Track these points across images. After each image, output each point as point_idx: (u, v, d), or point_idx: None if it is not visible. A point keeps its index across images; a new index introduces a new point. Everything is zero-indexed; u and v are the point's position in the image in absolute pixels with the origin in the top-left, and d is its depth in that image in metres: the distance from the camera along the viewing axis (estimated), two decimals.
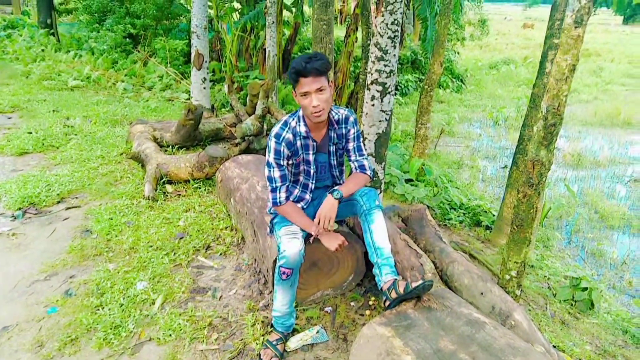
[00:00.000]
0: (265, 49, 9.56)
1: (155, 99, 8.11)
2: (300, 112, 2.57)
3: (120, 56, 10.15)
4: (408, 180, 6.19)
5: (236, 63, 10.15)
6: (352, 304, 2.94)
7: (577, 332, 3.49)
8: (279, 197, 2.57)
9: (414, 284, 2.19)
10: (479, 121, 13.15)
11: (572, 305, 3.94)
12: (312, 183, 2.70)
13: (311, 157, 2.62)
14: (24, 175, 4.68)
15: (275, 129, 2.56)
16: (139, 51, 10.48)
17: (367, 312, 2.84)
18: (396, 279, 2.33)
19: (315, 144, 2.61)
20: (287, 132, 2.54)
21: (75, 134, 5.99)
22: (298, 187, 2.72)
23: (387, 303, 2.30)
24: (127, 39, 10.74)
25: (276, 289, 2.50)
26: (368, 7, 7.22)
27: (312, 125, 2.55)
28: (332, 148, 2.69)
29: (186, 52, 10.63)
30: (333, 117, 2.63)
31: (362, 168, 2.68)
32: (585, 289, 3.96)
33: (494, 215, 5.81)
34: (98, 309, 2.86)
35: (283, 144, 2.51)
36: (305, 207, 2.73)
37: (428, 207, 5.47)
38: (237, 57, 10.32)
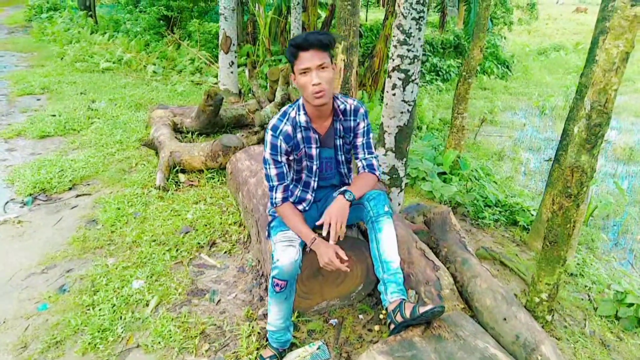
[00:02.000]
0: (291, 32, 9.26)
1: (183, 83, 7.95)
2: (301, 101, 2.27)
3: (153, 38, 10.05)
4: (441, 174, 5.80)
5: (270, 47, 9.87)
6: (360, 316, 2.65)
7: (619, 356, 3.09)
8: (275, 197, 2.30)
9: (422, 309, 1.88)
10: (524, 110, 12.48)
11: (614, 322, 3.52)
12: (314, 181, 2.41)
13: (314, 151, 2.31)
14: (39, 159, 4.58)
15: (272, 120, 2.27)
16: (172, 33, 10.36)
17: (377, 327, 2.54)
18: (403, 300, 2.03)
19: (317, 136, 2.30)
20: (285, 123, 2.25)
21: (98, 118, 5.89)
22: (299, 186, 2.43)
23: (392, 327, 2.01)
24: (161, 21, 10.63)
25: (270, 301, 2.24)
26: None
27: (314, 114, 2.24)
28: (339, 142, 2.37)
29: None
30: (339, 106, 2.30)
31: (370, 167, 2.37)
32: (631, 304, 3.53)
33: (532, 215, 5.36)
34: (89, 309, 2.68)
35: (280, 137, 2.22)
36: (307, 208, 2.44)
37: (460, 204, 5.10)
38: (271, 41, 10.05)
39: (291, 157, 2.30)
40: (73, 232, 3.47)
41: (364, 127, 2.36)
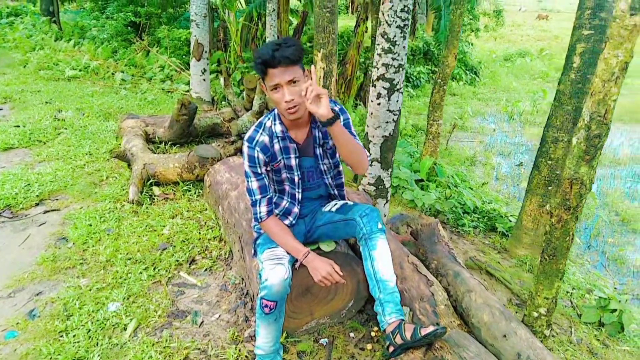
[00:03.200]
0: (266, 39, 9.15)
1: (153, 91, 7.74)
2: (277, 110, 2.18)
3: (121, 45, 9.78)
4: (418, 181, 5.78)
5: (241, 53, 9.74)
6: (351, 335, 2.55)
7: None
8: (260, 212, 2.20)
9: (424, 331, 1.80)
10: (493, 115, 12.68)
11: (599, 328, 3.53)
12: (298, 193, 2.31)
13: (293, 162, 2.23)
14: (3, 173, 4.33)
15: (249, 132, 2.18)
16: (141, 39, 10.11)
17: (369, 345, 2.45)
18: (402, 321, 1.94)
19: (295, 145, 2.21)
20: (261, 134, 2.16)
21: (65, 128, 5.64)
22: (285, 197, 2.33)
23: (391, 349, 1.92)
24: (129, 28, 10.37)
25: (258, 323, 2.12)
26: None
27: (290, 123, 2.15)
28: (319, 150, 2.27)
29: (190, 41, 10.26)
30: None
31: None
32: (614, 310, 3.55)
33: (510, 221, 5.39)
34: (62, 335, 2.50)
35: (257, 148, 2.14)
36: (293, 222, 2.34)
37: (439, 212, 5.07)
38: (242, 47, 9.91)
39: (268, 168, 2.21)
40: (42, 251, 3.27)
41: (341, 122, 2.26)
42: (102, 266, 3.11)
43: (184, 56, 9.88)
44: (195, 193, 4.13)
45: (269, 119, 2.20)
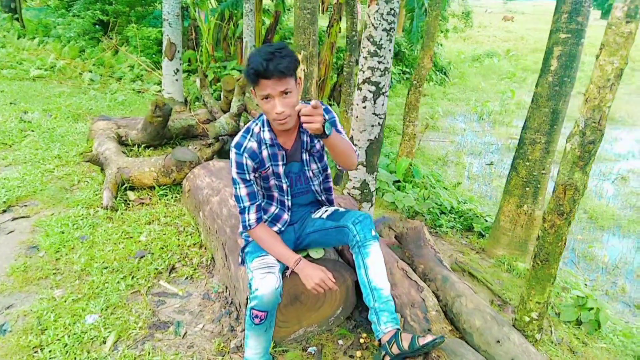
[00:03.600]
0: (243, 38, 9.04)
1: (123, 91, 7.53)
2: (264, 117, 2.11)
3: (89, 44, 9.49)
4: (395, 182, 5.79)
5: (213, 53, 9.58)
6: (340, 342, 2.51)
7: None
8: (248, 220, 2.14)
9: (422, 341, 1.77)
10: (462, 115, 12.86)
11: (577, 326, 3.59)
12: (287, 200, 2.26)
13: (281, 169, 2.17)
14: None
15: (236, 138, 2.11)
16: (109, 38, 9.84)
17: (358, 353, 2.41)
18: (398, 330, 1.91)
19: (284, 152, 2.15)
20: (249, 140, 2.09)
21: (32, 130, 5.42)
22: (274, 203, 2.27)
23: (387, 359, 1.88)
24: (97, 26, 10.08)
25: (247, 334, 2.06)
26: None
27: (279, 130, 2.09)
28: (305, 156, 2.22)
29: (160, 40, 10.02)
30: None
31: None
32: (591, 308, 3.61)
33: (486, 221, 5.45)
34: (37, 351, 2.38)
35: (245, 154, 2.07)
36: (282, 229, 2.28)
37: (418, 212, 5.09)
38: (214, 47, 9.75)
39: (256, 175, 2.14)
40: (11, 261, 3.11)
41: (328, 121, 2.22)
42: (77, 276, 2.98)
43: (153, 55, 9.66)
44: (172, 198, 4.01)
45: (256, 124, 2.13)
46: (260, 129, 2.11)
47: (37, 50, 9.21)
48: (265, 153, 2.12)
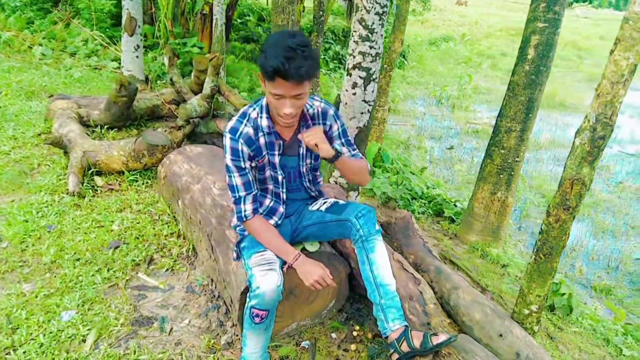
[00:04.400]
0: (203, 14, 8.70)
1: (79, 67, 7.10)
2: (264, 101, 1.99)
3: (37, 15, 8.86)
4: None
5: (172, 28, 9.17)
6: (333, 335, 2.46)
7: (564, 347, 3.23)
8: (244, 211, 2.02)
9: (436, 340, 1.74)
10: (422, 99, 12.98)
11: (552, 311, 3.70)
12: (282, 192, 2.16)
13: (277, 159, 2.06)
14: None
15: (230, 123, 1.98)
16: (59, 10, 9.23)
17: (353, 346, 2.37)
18: (407, 327, 1.87)
19: (281, 142, 2.05)
20: (245, 125, 1.97)
21: None
22: (269, 195, 2.17)
23: (395, 357, 1.84)
24: None
25: (246, 333, 1.97)
26: None
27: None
28: (302, 150, 2.12)
29: (114, 13, 9.50)
30: (307, 110, 2.06)
31: (361, 159, 2.20)
32: (563, 294, 3.73)
33: (455, 206, 5.53)
34: (9, 352, 2.20)
35: (241, 140, 1.94)
36: (279, 222, 2.19)
37: (391, 198, 5.08)
38: (172, 22, 9.33)
39: (252, 164, 2.03)
40: None
41: (338, 130, 2.14)
42: (46, 268, 2.79)
43: (107, 29, 9.15)
44: (143, 183, 3.81)
45: (254, 109, 2.00)
46: (257, 114, 1.99)
47: None
48: (262, 140, 2.00)
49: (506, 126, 4.08)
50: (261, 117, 1.98)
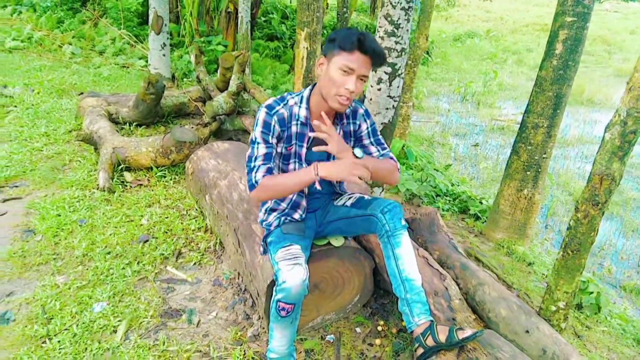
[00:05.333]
0: (228, 12, 8.78)
1: (107, 66, 7.25)
2: (305, 93, 2.04)
3: (67, 15, 9.08)
4: None
5: (197, 27, 9.29)
6: (357, 330, 2.47)
7: (592, 346, 3.18)
8: (255, 177, 1.96)
9: (461, 334, 1.74)
10: (446, 95, 12.85)
11: (579, 310, 3.64)
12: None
13: (303, 151, 2.09)
14: None
15: (268, 101, 2.03)
16: (88, 9, 9.43)
17: (377, 340, 2.38)
18: (433, 322, 1.87)
19: (312, 136, 2.07)
20: (282, 107, 2.02)
21: (15, 106, 5.17)
22: None
23: (420, 351, 1.85)
24: None
25: (272, 326, 2.00)
26: None
27: (318, 111, 2.02)
28: None
29: (141, 12, 9.67)
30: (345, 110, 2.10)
31: (391, 157, 2.22)
32: (592, 292, 3.67)
33: (481, 203, 5.47)
34: (44, 341, 2.28)
35: (275, 117, 1.99)
36: (303, 215, 2.20)
37: (415, 195, 5.06)
38: (197, 20, 9.45)
39: (279, 149, 2.06)
40: (7, 246, 2.96)
41: (367, 128, 2.17)
42: (79, 261, 2.87)
43: (134, 28, 9.32)
44: (171, 179, 3.89)
45: (293, 98, 2.06)
46: (296, 103, 2.04)
47: (11, 21, 8.78)
48: (294, 129, 2.04)
49: (533, 122, 4.03)
50: (300, 107, 2.03)
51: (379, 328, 2.47)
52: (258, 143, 2.00)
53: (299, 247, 2.01)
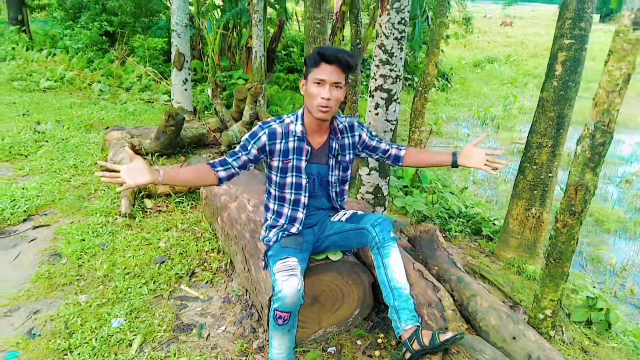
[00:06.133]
0: (248, 47, 9.16)
1: (133, 101, 7.65)
2: (300, 112, 2.24)
3: (96, 55, 9.62)
4: (403, 187, 5.87)
5: (219, 62, 9.71)
6: (358, 342, 2.59)
7: None
8: (215, 160, 2.23)
9: (443, 337, 1.85)
10: (465, 120, 12.92)
11: (588, 327, 3.65)
12: (304, 197, 2.33)
13: (303, 164, 2.26)
14: None
15: (267, 120, 2.26)
16: (116, 49, 9.97)
17: (377, 352, 2.49)
18: (419, 327, 1.99)
19: (309, 149, 2.26)
20: (277, 124, 2.23)
21: (46, 140, 5.54)
22: (286, 204, 2.34)
23: (407, 355, 1.96)
24: (104, 37, 10.22)
25: (271, 335, 2.14)
26: (357, 5, 6.87)
27: (311, 127, 2.23)
28: (332, 161, 2.33)
29: (166, 50, 10.17)
30: (337, 125, 2.30)
31: (399, 145, 2.49)
32: (601, 309, 3.68)
33: (494, 225, 5.52)
34: (66, 354, 2.46)
35: (266, 130, 2.20)
36: (300, 228, 2.34)
37: (426, 217, 5.16)
38: (219, 56, 9.88)
39: (275, 163, 2.24)
40: (35, 268, 3.21)
41: (367, 134, 2.41)
42: (100, 281, 3.07)
43: (159, 65, 9.79)
44: (188, 205, 4.11)
45: (289, 117, 2.27)
46: (292, 121, 2.24)
47: (46, 62, 9.35)
48: (291, 144, 2.23)
49: (537, 142, 4.12)
50: (295, 124, 2.22)
51: (379, 340, 2.58)
52: (240, 146, 2.24)
53: (295, 260, 2.16)
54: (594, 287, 5.45)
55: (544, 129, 4.08)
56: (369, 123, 3.01)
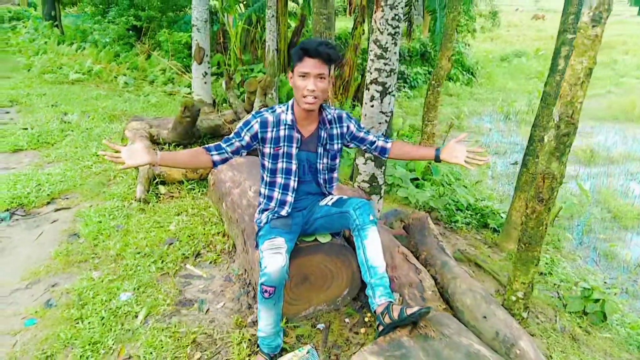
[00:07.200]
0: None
1: (156, 94, 7.94)
2: (291, 102, 2.41)
3: (123, 49, 9.99)
4: (414, 180, 5.98)
5: (241, 56, 9.94)
6: (346, 320, 2.75)
7: (588, 349, 3.28)
8: (211, 144, 2.41)
9: (409, 311, 1.99)
10: (489, 115, 12.85)
11: (583, 317, 3.72)
12: (294, 181, 2.49)
13: (293, 151, 2.43)
14: (14, 174, 4.53)
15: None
16: (142, 43, 10.31)
17: (363, 329, 2.65)
18: (391, 302, 2.14)
19: (299, 137, 2.42)
20: (269, 113, 2.41)
21: (72, 130, 5.84)
22: (277, 189, 2.51)
23: (380, 328, 2.11)
24: (131, 32, 10.58)
25: (259, 307, 2.32)
26: None
27: (301, 116, 2.39)
28: (321, 150, 2.49)
29: (190, 44, 10.45)
30: (326, 116, 2.46)
31: (386, 138, 2.63)
32: (597, 300, 3.74)
33: (502, 217, 5.58)
34: (78, 322, 2.70)
35: (258, 119, 2.38)
36: (290, 211, 2.51)
37: (433, 209, 5.27)
38: (242, 50, 10.11)
39: (267, 150, 2.41)
40: (55, 247, 3.47)
41: (355, 125, 2.55)
42: (112, 260, 3.31)
43: (184, 59, 10.08)
44: (199, 191, 4.33)
45: (280, 107, 2.43)
46: (283, 111, 2.41)
47: (76, 55, 9.74)
48: (282, 133, 2.39)
49: (539, 135, 4.19)
50: (286, 113, 2.39)
51: (366, 319, 2.74)
52: (234, 132, 2.42)
53: (283, 240, 2.34)
54: (605, 282, 5.48)
55: (546, 123, 4.14)
56: (365, 115, 3.15)
